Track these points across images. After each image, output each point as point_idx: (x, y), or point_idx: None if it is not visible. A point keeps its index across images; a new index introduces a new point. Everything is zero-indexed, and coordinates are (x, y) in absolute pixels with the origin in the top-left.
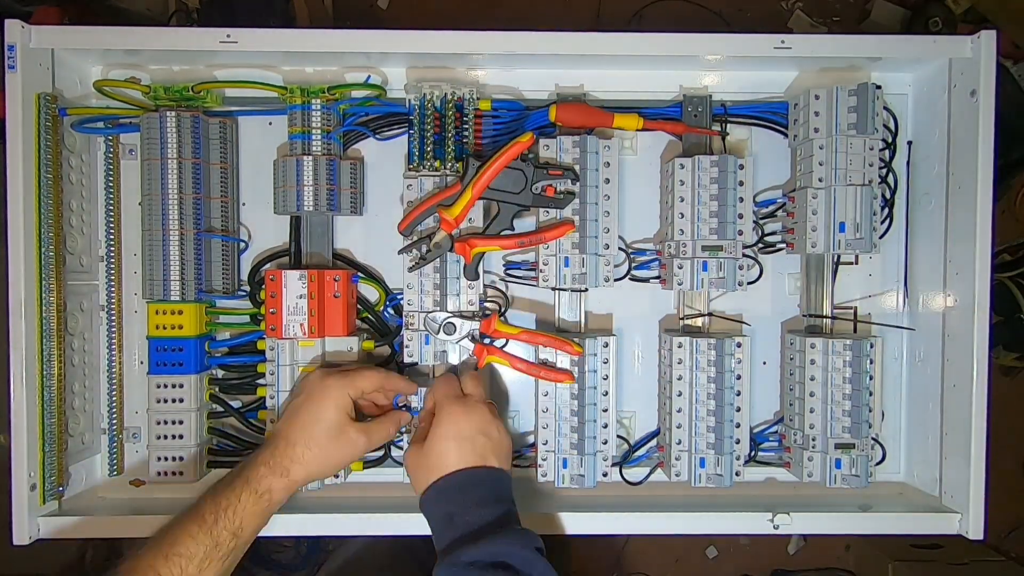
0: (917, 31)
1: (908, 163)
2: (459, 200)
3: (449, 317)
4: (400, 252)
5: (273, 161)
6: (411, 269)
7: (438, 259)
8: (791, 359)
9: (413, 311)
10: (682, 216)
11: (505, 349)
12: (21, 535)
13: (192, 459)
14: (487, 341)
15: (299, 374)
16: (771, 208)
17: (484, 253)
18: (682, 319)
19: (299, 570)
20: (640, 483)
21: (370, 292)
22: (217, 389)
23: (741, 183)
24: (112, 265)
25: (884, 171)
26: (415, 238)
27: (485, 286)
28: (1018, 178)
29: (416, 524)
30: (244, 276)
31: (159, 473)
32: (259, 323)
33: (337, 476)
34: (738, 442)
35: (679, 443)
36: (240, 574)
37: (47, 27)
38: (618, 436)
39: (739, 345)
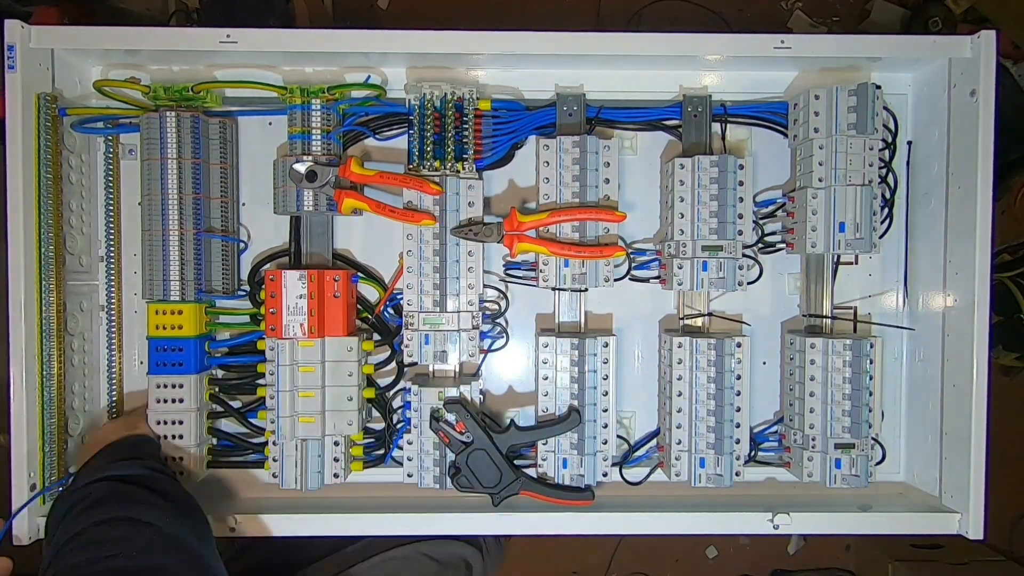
0: (917, 31)
1: (908, 163)
2: (535, 215)
3: (311, 165)
4: (453, 230)
5: (273, 161)
6: (454, 231)
7: (438, 258)
8: (791, 359)
9: (413, 311)
10: (682, 216)
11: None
12: (21, 535)
13: (192, 459)
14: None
15: (299, 374)
16: (771, 208)
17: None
18: (682, 319)
19: None
20: (640, 483)
21: (370, 292)
22: (217, 389)
23: (741, 183)
24: (112, 265)
25: (884, 171)
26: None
27: (485, 286)
28: (1018, 178)
29: (415, 524)
30: (244, 276)
31: None
32: (259, 323)
33: (337, 476)
34: (738, 442)
35: (679, 443)
36: None
37: (47, 27)
38: (618, 436)
39: (739, 345)
